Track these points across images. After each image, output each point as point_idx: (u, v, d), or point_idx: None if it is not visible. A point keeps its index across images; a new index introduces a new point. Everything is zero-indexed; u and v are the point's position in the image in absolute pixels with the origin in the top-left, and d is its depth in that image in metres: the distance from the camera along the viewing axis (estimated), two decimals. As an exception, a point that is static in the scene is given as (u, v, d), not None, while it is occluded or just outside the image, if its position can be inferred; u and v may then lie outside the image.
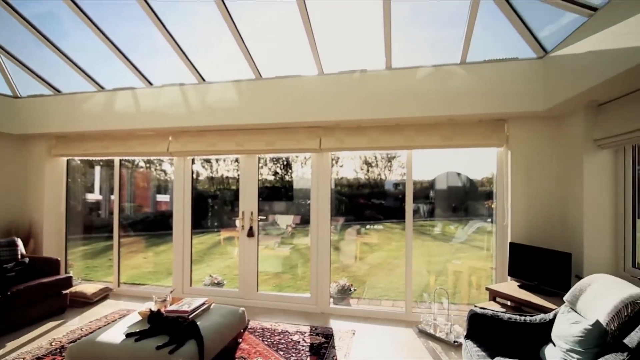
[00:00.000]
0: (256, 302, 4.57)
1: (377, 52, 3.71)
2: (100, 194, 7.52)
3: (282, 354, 3.24)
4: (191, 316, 2.96)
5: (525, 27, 3.17)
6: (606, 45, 2.48)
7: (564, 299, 2.43)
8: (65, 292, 4.24)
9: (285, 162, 7.51)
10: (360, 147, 4.16)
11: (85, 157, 5.28)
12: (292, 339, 3.56)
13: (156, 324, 2.73)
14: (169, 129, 4.56)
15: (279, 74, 4.10)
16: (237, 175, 4.79)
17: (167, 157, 5.01)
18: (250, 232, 4.61)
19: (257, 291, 4.65)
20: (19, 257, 4.28)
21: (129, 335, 2.67)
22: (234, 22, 3.61)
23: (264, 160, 5.84)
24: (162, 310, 2.96)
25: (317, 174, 4.44)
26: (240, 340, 3.46)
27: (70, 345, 2.69)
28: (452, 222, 7.40)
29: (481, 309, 2.62)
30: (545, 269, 3.25)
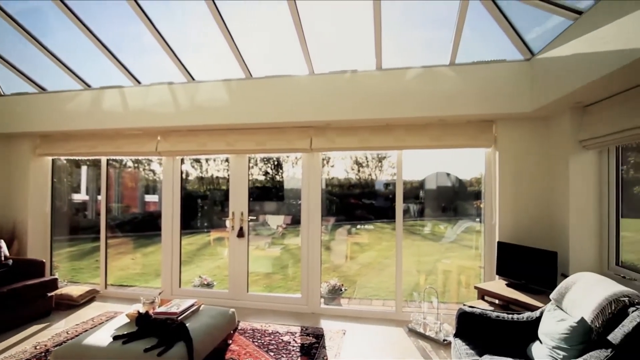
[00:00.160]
0: (246, 302, 4.54)
1: (367, 53, 3.73)
2: (87, 194, 7.37)
3: (272, 354, 3.23)
4: (180, 318, 2.93)
5: (512, 29, 3.23)
6: (590, 48, 2.53)
7: (550, 297, 2.48)
8: (50, 294, 4.16)
9: (276, 162, 7.48)
10: (351, 147, 4.17)
11: (71, 157, 5.17)
12: (282, 339, 3.55)
13: (144, 326, 2.69)
14: (157, 128, 4.51)
15: (269, 73, 4.08)
16: (227, 175, 4.75)
17: (156, 157, 4.95)
18: (240, 233, 4.58)
19: (248, 292, 4.62)
20: (2, 258, 4.16)
21: (116, 337, 2.63)
22: (224, 20, 3.58)
23: (255, 160, 5.80)
24: (151, 312, 2.92)
25: (307, 174, 4.44)
26: (230, 341, 3.44)
27: (55, 348, 2.65)
28: (441, 222, 7.46)
29: (470, 307, 2.65)
30: (532, 267, 3.31)
